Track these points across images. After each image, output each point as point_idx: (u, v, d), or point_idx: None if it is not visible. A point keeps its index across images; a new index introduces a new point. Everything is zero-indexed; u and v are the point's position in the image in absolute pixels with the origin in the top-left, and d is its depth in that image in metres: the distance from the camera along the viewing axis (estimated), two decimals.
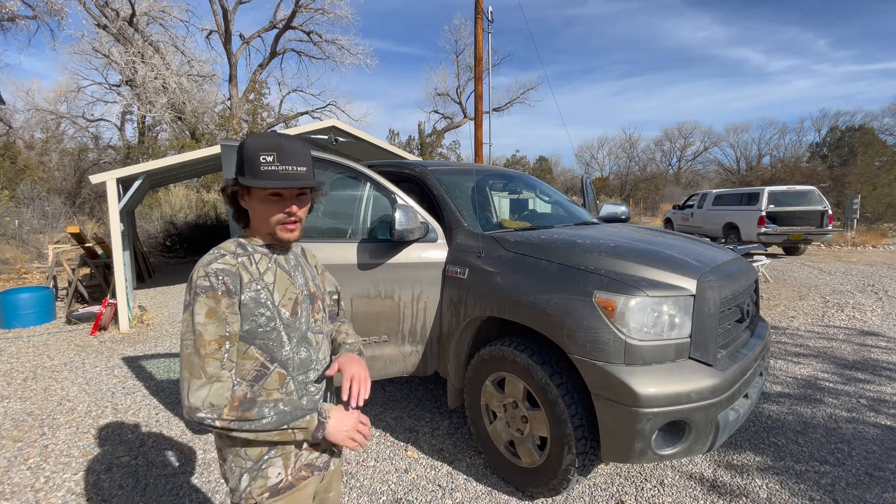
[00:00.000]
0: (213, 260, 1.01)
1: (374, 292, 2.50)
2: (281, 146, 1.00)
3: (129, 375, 3.96)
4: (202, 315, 0.95)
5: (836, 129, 29.83)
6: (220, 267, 0.99)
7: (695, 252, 2.35)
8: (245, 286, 1.02)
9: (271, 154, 0.99)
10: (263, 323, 1.03)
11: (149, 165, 5.65)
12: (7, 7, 14.49)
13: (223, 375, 0.95)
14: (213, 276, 0.98)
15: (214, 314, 0.96)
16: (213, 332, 0.96)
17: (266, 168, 0.99)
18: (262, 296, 1.04)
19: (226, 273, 0.99)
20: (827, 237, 10.82)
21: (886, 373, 3.76)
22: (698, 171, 42.49)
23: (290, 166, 1.00)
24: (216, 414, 0.92)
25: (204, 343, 0.95)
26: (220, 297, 0.97)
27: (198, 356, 0.94)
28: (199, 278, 0.97)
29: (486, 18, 10.71)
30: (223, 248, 1.05)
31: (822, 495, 2.25)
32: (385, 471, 2.49)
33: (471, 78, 25.35)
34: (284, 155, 1.00)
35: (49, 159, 20.25)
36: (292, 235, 1.08)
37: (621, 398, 1.80)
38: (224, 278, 0.98)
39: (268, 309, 1.04)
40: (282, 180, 1.00)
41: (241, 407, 0.94)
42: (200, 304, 0.96)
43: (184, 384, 0.94)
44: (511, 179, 3.84)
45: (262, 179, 0.99)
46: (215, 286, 0.97)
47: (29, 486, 2.39)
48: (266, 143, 1.00)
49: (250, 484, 1.03)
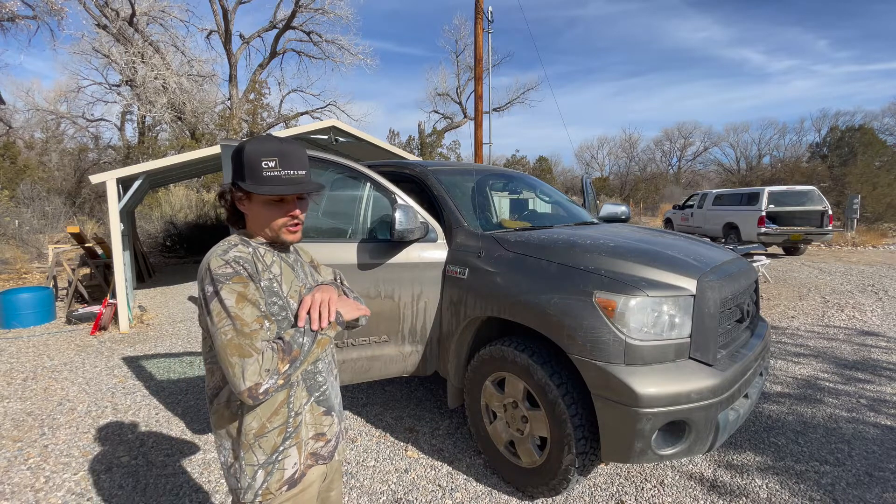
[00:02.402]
0: (228, 248, 1.02)
1: (374, 292, 2.50)
2: (283, 151, 1.01)
3: (129, 375, 3.96)
4: (233, 300, 0.95)
5: (836, 129, 29.80)
6: (237, 254, 1.00)
7: (695, 252, 2.35)
8: (260, 273, 1.03)
9: (273, 160, 1.00)
10: (276, 311, 1.04)
11: (149, 165, 5.65)
12: (7, 7, 14.49)
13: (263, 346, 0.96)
14: (234, 263, 0.98)
15: (245, 298, 0.96)
16: (251, 313, 0.96)
17: (269, 174, 1.00)
18: (273, 285, 1.05)
19: (244, 260, 1.00)
20: (827, 237, 10.81)
21: (886, 373, 3.76)
22: (698, 171, 42.48)
23: (292, 171, 1.02)
24: (276, 376, 0.94)
25: (246, 324, 0.95)
26: (247, 281, 0.98)
27: (243, 336, 0.94)
28: (219, 267, 0.97)
29: (486, 18, 10.71)
30: (232, 240, 1.06)
31: (822, 495, 2.25)
32: (385, 471, 2.49)
33: (471, 78, 25.35)
34: (286, 160, 1.01)
35: (49, 159, 20.23)
36: (296, 237, 1.10)
37: (621, 398, 1.80)
38: (245, 263, 1.00)
39: (280, 298, 1.06)
40: (286, 185, 1.01)
41: (286, 354, 0.97)
42: (228, 290, 0.95)
43: (235, 369, 0.92)
44: (511, 179, 3.84)
45: (266, 185, 1.00)
46: (239, 272, 0.98)
47: (29, 486, 2.39)
48: (268, 149, 1.01)
49: (267, 479, 1.04)
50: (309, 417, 1.12)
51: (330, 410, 1.17)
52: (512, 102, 28.88)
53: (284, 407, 1.06)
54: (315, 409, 1.13)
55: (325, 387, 1.16)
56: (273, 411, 1.05)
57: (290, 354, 0.97)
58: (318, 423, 1.13)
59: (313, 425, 1.12)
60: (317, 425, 1.13)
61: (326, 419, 1.16)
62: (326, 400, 1.16)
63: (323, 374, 1.17)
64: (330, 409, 1.17)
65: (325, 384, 1.17)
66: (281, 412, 1.06)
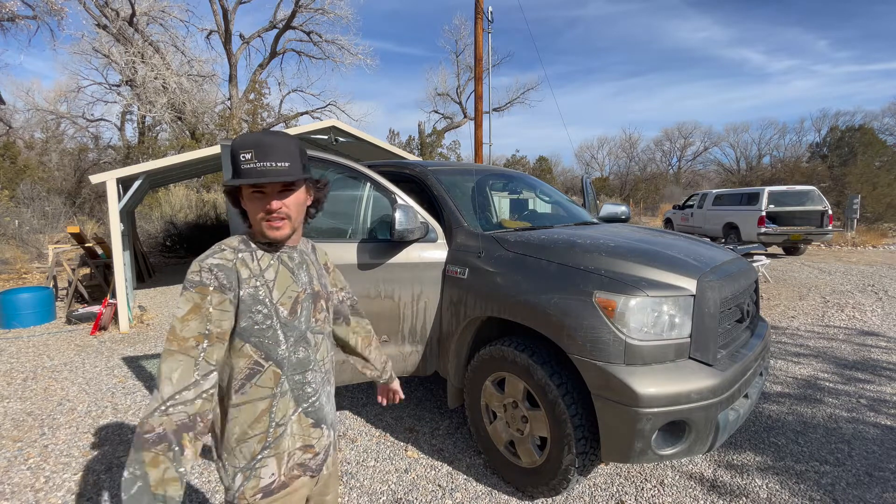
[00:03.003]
0: (210, 254, 1.00)
1: (374, 292, 2.50)
2: (259, 143, 0.99)
3: (129, 375, 3.96)
4: (184, 310, 0.95)
5: (836, 129, 29.80)
6: (216, 262, 0.98)
7: (695, 252, 2.35)
8: (243, 282, 1.01)
9: (249, 151, 0.98)
10: (260, 320, 1.02)
11: (149, 165, 5.64)
12: (7, 7, 14.49)
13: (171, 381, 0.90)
14: (205, 272, 0.97)
15: (198, 311, 0.95)
16: (192, 328, 0.94)
17: (245, 166, 0.99)
18: (260, 293, 1.03)
19: (220, 268, 0.98)
20: (827, 237, 10.81)
21: (886, 373, 3.76)
22: (698, 171, 42.47)
23: (268, 162, 0.99)
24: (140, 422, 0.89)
25: (174, 339, 0.93)
26: (207, 293, 0.95)
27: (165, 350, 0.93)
28: (193, 273, 0.97)
29: (486, 19, 10.71)
30: (225, 244, 1.04)
31: (822, 495, 2.25)
32: (385, 471, 2.49)
33: (471, 78, 25.35)
34: (262, 152, 0.99)
35: (49, 159, 20.23)
36: (278, 234, 1.04)
37: (621, 398, 1.80)
38: (217, 273, 0.97)
39: (265, 306, 1.03)
40: (259, 177, 0.98)
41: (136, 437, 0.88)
42: (186, 299, 0.95)
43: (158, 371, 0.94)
44: (511, 179, 3.84)
45: (242, 177, 0.99)
46: (205, 282, 0.96)
47: (29, 486, 2.39)
48: (245, 142, 1.00)
49: (243, 484, 1.03)
50: (296, 428, 1.09)
51: (320, 423, 1.13)
52: (512, 102, 28.89)
53: (266, 416, 1.04)
54: (303, 420, 1.10)
55: (314, 398, 1.13)
56: (255, 419, 1.03)
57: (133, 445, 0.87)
58: (305, 434, 1.10)
59: (301, 436, 1.09)
60: (304, 437, 1.10)
61: (315, 431, 1.12)
62: (316, 412, 1.13)
63: (313, 384, 1.12)
64: (319, 421, 1.14)
65: (314, 395, 1.12)
66: (262, 420, 1.04)
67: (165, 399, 0.89)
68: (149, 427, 0.87)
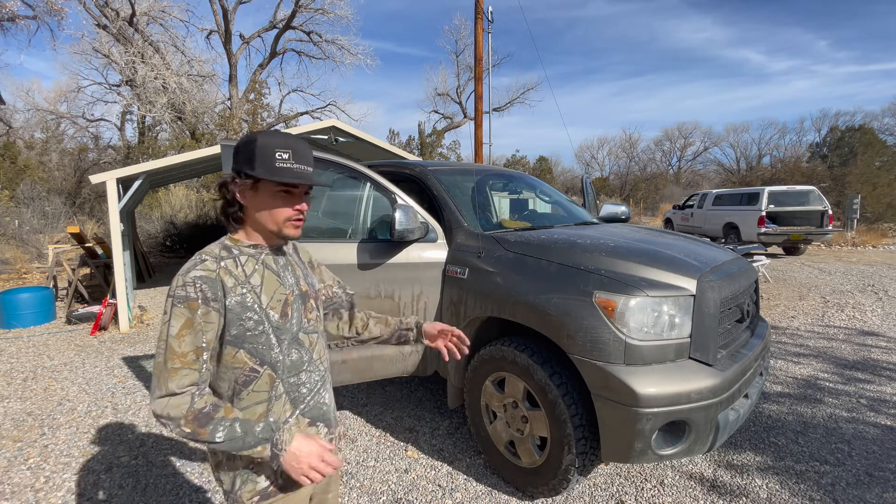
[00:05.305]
0: (192, 267, 0.99)
1: (374, 292, 2.50)
2: (296, 145, 1.04)
3: (129, 375, 3.96)
4: (177, 327, 0.95)
5: (836, 130, 29.82)
6: (199, 274, 0.98)
7: (695, 252, 2.35)
8: (229, 291, 1.00)
9: (287, 152, 1.02)
10: (251, 327, 1.02)
11: (149, 165, 5.65)
12: (7, 7, 14.48)
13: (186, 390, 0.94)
14: (189, 286, 0.96)
15: (191, 325, 0.95)
16: (189, 343, 0.95)
17: (282, 165, 1.01)
18: (248, 299, 1.02)
19: (204, 280, 0.97)
20: (827, 237, 10.82)
21: (886, 373, 3.76)
22: (698, 171, 42.48)
23: (303, 165, 1.05)
24: (176, 424, 0.92)
25: (174, 356, 0.94)
26: (196, 307, 0.96)
27: (165, 369, 0.94)
28: (178, 287, 0.97)
29: (486, 19, 10.71)
30: (205, 253, 1.03)
31: (822, 495, 2.25)
32: (385, 471, 2.49)
33: (471, 78, 25.34)
34: (298, 155, 1.04)
35: (49, 159, 20.25)
36: (298, 232, 1.10)
37: (621, 398, 1.80)
38: (202, 286, 0.96)
39: (255, 312, 1.02)
40: (297, 177, 1.03)
41: (196, 422, 0.93)
42: (176, 315, 0.95)
43: (152, 388, 0.96)
44: (511, 179, 3.84)
45: (275, 175, 1.00)
46: (192, 296, 0.96)
47: (29, 486, 2.39)
48: (282, 142, 1.03)
49: (241, 487, 1.03)
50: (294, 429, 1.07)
51: (316, 421, 1.14)
52: (512, 102, 28.87)
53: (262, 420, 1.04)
54: (300, 421, 1.11)
55: (310, 398, 1.13)
56: None
57: (199, 427, 0.93)
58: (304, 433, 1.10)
59: None
60: None
61: (311, 430, 1.13)
62: (311, 410, 1.13)
63: (307, 384, 1.12)
64: (316, 419, 1.14)
65: (310, 395, 1.13)
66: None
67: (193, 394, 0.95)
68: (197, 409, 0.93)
